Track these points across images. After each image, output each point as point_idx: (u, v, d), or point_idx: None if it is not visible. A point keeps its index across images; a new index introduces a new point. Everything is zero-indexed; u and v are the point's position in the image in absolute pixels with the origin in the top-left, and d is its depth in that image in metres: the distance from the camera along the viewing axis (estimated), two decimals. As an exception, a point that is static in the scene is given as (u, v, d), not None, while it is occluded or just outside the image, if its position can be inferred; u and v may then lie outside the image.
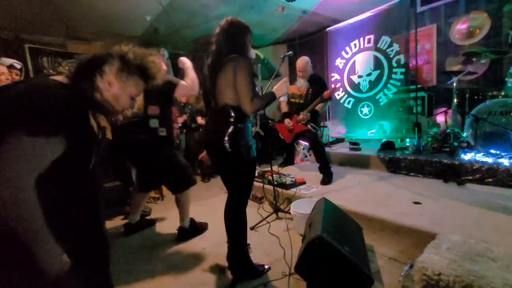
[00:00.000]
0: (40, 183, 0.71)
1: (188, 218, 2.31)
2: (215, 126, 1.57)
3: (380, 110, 3.68)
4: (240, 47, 1.53)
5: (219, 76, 1.49)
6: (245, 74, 1.44)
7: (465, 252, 1.31)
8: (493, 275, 1.14)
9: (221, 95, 1.50)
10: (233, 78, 1.44)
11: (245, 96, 1.44)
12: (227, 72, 1.45)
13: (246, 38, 1.57)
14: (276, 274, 1.67)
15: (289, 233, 2.10)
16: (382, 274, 1.62)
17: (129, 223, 2.41)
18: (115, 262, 1.95)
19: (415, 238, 1.74)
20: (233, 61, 1.46)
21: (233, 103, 1.48)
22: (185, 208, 2.27)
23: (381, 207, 2.13)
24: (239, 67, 1.44)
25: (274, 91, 1.60)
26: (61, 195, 0.84)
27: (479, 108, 2.73)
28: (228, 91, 1.48)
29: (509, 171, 2.34)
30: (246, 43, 1.57)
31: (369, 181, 2.93)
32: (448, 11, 3.89)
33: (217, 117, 1.56)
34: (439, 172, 2.74)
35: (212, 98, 1.57)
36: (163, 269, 1.84)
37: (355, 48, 3.89)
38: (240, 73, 1.43)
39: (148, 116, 2.05)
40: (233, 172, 1.58)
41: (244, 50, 1.55)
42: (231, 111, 1.48)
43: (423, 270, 1.24)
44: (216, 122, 1.56)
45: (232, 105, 1.48)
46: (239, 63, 1.45)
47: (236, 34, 1.54)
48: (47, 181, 0.73)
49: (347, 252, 1.34)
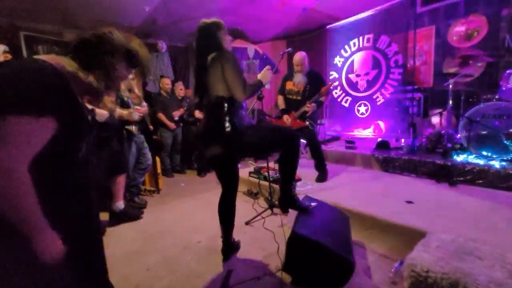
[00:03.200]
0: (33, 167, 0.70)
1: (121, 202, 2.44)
2: (212, 119, 1.63)
3: (376, 110, 3.72)
4: (215, 45, 1.62)
5: (208, 75, 1.59)
6: (231, 66, 1.53)
7: (453, 250, 1.35)
8: (479, 273, 1.18)
9: (213, 89, 1.59)
10: (221, 73, 1.54)
11: (237, 86, 1.54)
12: (215, 69, 1.55)
13: (220, 34, 1.64)
14: (270, 268, 1.70)
15: (283, 228, 2.13)
16: (372, 270, 1.66)
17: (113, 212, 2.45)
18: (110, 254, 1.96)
19: (406, 236, 1.78)
20: (218, 58, 1.55)
21: (225, 94, 1.57)
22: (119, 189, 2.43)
23: (374, 205, 2.17)
24: (224, 61, 1.54)
25: (260, 78, 1.73)
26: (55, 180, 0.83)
27: (473, 111, 2.77)
28: (219, 85, 1.57)
29: (500, 173, 2.40)
30: (222, 37, 1.65)
31: (363, 179, 2.98)
32: (447, 13, 3.91)
33: (212, 110, 1.64)
34: (432, 172, 2.80)
35: (205, 95, 1.66)
36: (159, 262, 1.86)
37: (354, 46, 3.91)
38: (227, 66, 1.53)
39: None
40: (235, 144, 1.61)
41: (221, 45, 1.63)
42: (224, 103, 1.57)
43: (412, 267, 1.28)
44: (213, 116, 1.63)
45: (224, 96, 1.57)
46: (223, 57, 1.55)
47: (207, 36, 1.64)
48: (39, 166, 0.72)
49: (325, 242, 1.38)
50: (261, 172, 3.08)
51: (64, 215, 0.86)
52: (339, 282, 1.41)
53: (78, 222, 0.93)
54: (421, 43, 4.08)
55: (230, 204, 1.77)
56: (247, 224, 2.33)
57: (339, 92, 4.13)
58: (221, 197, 1.78)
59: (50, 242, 0.74)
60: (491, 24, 3.49)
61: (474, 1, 3.61)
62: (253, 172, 3.25)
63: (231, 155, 1.68)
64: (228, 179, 1.77)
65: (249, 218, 2.37)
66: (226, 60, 1.54)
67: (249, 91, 1.60)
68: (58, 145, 0.78)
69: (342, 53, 4.05)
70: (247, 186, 3.17)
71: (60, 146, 0.79)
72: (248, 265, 1.77)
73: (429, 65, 4.16)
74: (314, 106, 3.05)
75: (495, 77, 3.35)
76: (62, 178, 0.86)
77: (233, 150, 1.63)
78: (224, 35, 1.67)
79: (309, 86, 3.14)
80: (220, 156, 1.62)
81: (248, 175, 3.23)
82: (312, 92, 3.10)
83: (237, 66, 1.56)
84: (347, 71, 4.03)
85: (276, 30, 5.43)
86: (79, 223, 0.93)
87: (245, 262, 1.80)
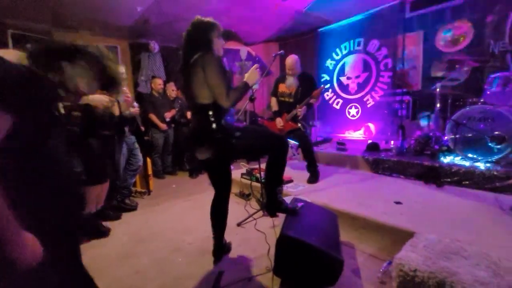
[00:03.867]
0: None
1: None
2: (198, 124, 1.59)
3: (367, 112, 3.78)
4: (204, 44, 1.53)
5: (191, 78, 1.50)
6: (213, 70, 1.44)
7: (440, 250, 1.38)
8: (464, 272, 1.21)
9: (196, 96, 1.51)
10: (203, 77, 1.45)
11: (220, 92, 1.45)
12: (197, 72, 1.46)
13: (210, 34, 1.55)
14: (260, 269, 1.70)
15: (274, 229, 2.14)
16: (362, 270, 1.68)
17: None
18: (99, 256, 1.93)
19: (395, 236, 1.82)
20: (200, 59, 1.46)
21: (209, 101, 1.49)
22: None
23: (364, 206, 2.21)
24: (207, 64, 1.44)
25: (246, 79, 1.60)
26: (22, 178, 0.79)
27: (459, 114, 2.85)
28: (202, 91, 1.49)
29: (484, 174, 2.47)
30: (211, 39, 1.56)
31: (353, 180, 3.02)
32: (435, 18, 4.02)
33: (197, 116, 1.59)
34: (420, 174, 2.86)
35: (189, 99, 1.60)
36: (149, 264, 1.84)
37: (345, 50, 3.97)
38: (209, 70, 1.44)
39: None
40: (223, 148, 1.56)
41: (210, 46, 1.55)
42: (209, 111, 1.49)
43: (400, 267, 1.31)
44: (198, 122, 1.58)
45: (208, 103, 1.49)
46: (205, 60, 1.45)
47: (199, 33, 1.54)
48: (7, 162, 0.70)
49: (313, 242, 1.39)
50: (253, 173, 3.08)
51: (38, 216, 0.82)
52: (329, 281, 1.43)
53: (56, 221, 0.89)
54: (410, 47, 4.17)
55: (222, 207, 1.76)
56: (238, 225, 2.33)
57: (331, 94, 4.19)
58: (213, 200, 1.76)
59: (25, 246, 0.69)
60: (477, 30, 3.61)
61: (460, 7, 3.73)
62: (245, 173, 3.25)
63: (221, 159, 1.65)
64: (220, 182, 1.75)
65: (241, 220, 2.37)
66: (207, 63, 1.44)
67: (233, 98, 1.49)
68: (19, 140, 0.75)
69: (333, 56, 4.11)
70: (239, 187, 3.17)
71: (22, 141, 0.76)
72: (239, 266, 1.77)
73: (418, 69, 4.25)
74: (305, 109, 3.10)
75: (480, 81, 3.46)
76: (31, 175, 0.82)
77: (222, 154, 1.60)
78: (217, 37, 1.59)
79: (301, 88, 3.18)
80: (210, 160, 1.58)
81: (240, 177, 3.23)
82: (304, 94, 3.13)
83: (218, 70, 1.46)
84: (338, 74, 4.09)
85: (269, 32, 5.46)
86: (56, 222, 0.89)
87: (236, 264, 1.80)
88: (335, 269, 1.41)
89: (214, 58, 1.47)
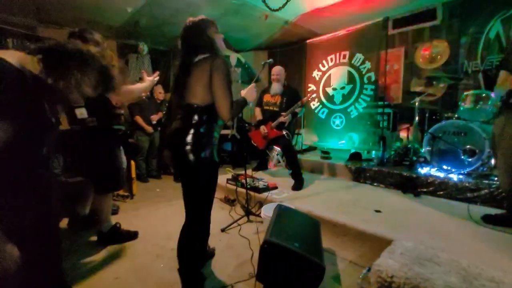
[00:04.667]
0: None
1: (109, 223, 2.13)
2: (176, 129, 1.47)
3: (350, 122, 3.91)
4: (209, 44, 1.46)
5: (193, 76, 1.41)
6: (223, 79, 1.36)
7: (415, 257, 1.45)
8: (437, 278, 1.28)
9: (190, 94, 1.42)
10: (209, 80, 1.37)
11: (224, 102, 1.37)
12: (203, 72, 1.38)
13: (210, 31, 1.47)
14: (243, 275, 1.71)
15: (258, 235, 2.15)
16: (342, 276, 1.73)
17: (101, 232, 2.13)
18: (77, 261, 1.86)
19: (374, 243, 1.88)
20: (209, 61, 1.38)
21: (201, 103, 1.39)
22: (105, 212, 2.10)
23: (345, 213, 2.27)
24: (217, 69, 1.36)
25: (244, 96, 1.57)
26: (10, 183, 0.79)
27: (436, 127, 3.02)
28: (199, 91, 1.39)
29: (457, 185, 2.62)
30: (213, 35, 1.48)
31: (336, 188, 3.10)
32: (415, 36, 4.26)
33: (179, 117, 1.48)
34: (399, 183, 2.98)
35: (179, 97, 1.50)
36: (129, 270, 1.79)
37: (331, 62, 4.11)
38: (218, 76, 1.36)
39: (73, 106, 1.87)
40: (192, 178, 1.44)
41: (213, 46, 1.47)
42: (194, 113, 1.40)
43: (378, 273, 1.36)
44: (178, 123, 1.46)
45: (198, 105, 1.39)
46: (216, 65, 1.36)
47: (196, 33, 1.46)
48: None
49: (296, 248, 1.42)
50: (239, 179, 3.10)
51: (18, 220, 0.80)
52: (310, 287, 1.45)
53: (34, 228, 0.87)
54: (392, 63, 4.39)
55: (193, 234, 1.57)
56: (223, 231, 2.32)
57: (317, 104, 4.30)
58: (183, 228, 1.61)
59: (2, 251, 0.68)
60: (452, 50, 3.86)
61: (438, 27, 3.99)
62: (230, 179, 3.25)
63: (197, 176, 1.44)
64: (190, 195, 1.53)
65: (225, 225, 2.37)
66: (218, 69, 1.35)
67: (235, 111, 1.42)
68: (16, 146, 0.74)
69: (320, 67, 4.24)
70: (224, 193, 3.17)
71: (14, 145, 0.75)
72: (221, 272, 1.77)
73: (399, 83, 4.47)
74: (289, 117, 3.21)
75: (455, 98, 3.69)
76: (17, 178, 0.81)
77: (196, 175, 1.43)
78: (215, 32, 1.50)
79: (286, 99, 3.30)
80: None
81: (226, 182, 3.23)
82: (288, 105, 3.25)
83: (228, 80, 1.38)
84: (324, 85, 4.22)
85: (258, 41, 5.56)
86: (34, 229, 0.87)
87: (219, 270, 1.79)
88: (317, 275, 1.44)
89: (225, 65, 1.39)
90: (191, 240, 1.49)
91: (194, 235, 1.50)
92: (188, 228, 1.50)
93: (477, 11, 3.63)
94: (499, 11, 3.47)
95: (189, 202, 1.48)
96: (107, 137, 2.04)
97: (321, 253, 1.59)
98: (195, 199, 1.47)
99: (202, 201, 1.47)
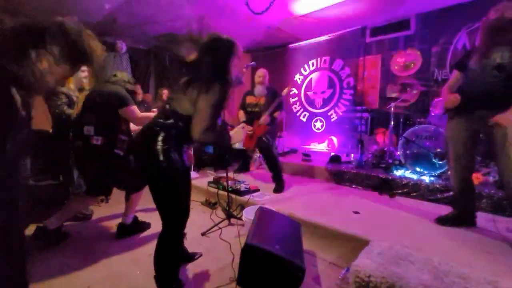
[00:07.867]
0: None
1: (132, 215, 2.31)
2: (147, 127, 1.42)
3: (331, 126, 4.01)
4: (224, 69, 1.40)
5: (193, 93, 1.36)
6: (211, 102, 1.30)
7: (391, 257, 1.51)
8: (411, 276, 1.34)
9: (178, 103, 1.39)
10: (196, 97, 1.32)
11: (200, 122, 1.30)
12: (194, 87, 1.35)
13: (231, 62, 1.42)
14: (224, 279, 1.68)
15: (239, 239, 2.13)
16: (321, 277, 1.75)
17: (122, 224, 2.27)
18: (47, 268, 1.74)
19: (353, 244, 1.93)
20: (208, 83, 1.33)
21: (182, 111, 1.36)
22: (133, 206, 2.29)
23: (325, 215, 2.31)
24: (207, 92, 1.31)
25: (231, 135, 1.55)
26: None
27: (409, 132, 3.17)
28: (185, 103, 1.36)
29: (429, 187, 2.77)
30: (232, 66, 1.43)
31: (317, 190, 3.15)
32: (391, 45, 4.47)
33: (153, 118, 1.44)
34: (375, 185, 3.09)
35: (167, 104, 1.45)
36: (102, 277, 1.70)
37: (312, 66, 4.21)
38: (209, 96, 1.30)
39: (83, 122, 2.03)
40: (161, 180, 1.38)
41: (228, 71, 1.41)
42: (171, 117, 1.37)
43: (356, 273, 1.39)
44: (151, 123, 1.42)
45: (178, 112, 1.36)
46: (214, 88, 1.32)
47: (220, 62, 1.39)
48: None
49: (276, 250, 1.43)
50: (220, 182, 3.06)
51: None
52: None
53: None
54: (369, 69, 4.57)
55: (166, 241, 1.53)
56: (203, 235, 2.28)
57: (298, 107, 4.38)
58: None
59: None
60: (424, 59, 4.09)
61: (411, 37, 4.21)
62: (212, 182, 3.21)
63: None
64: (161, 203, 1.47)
65: (205, 229, 2.32)
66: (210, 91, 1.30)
67: (208, 138, 1.35)
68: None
69: (302, 71, 4.33)
70: (205, 195, 3.11)
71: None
72: (201, 277, 1.73)
73: (376, 89, 4.66)
74: (268, 119, 3.18)
75: (427, 104, 3.90)
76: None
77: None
78: (235, 61, 1.44)
79: (269, 100, 3.31)
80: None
81: (207, 185, 3.18)
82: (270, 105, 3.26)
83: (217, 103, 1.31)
84: (305, 88, 4.30)
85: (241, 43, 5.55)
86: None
87: (199, 274, 1.75)
88: (297, 276, 1.45)
89: (222, 90, 1.33)
90: (162, 245, 1.46)
91: (166, 240, 1.46)
92: (161, 233, 1.46)
93: (447, 24, 3.89)
94: (466, 23, 3.73)
95: (159, 206, 1.42)
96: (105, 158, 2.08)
97: (302, 254, 1.60)
98: (164, 202, 1.41)
99: (171, 204, 1.41)
